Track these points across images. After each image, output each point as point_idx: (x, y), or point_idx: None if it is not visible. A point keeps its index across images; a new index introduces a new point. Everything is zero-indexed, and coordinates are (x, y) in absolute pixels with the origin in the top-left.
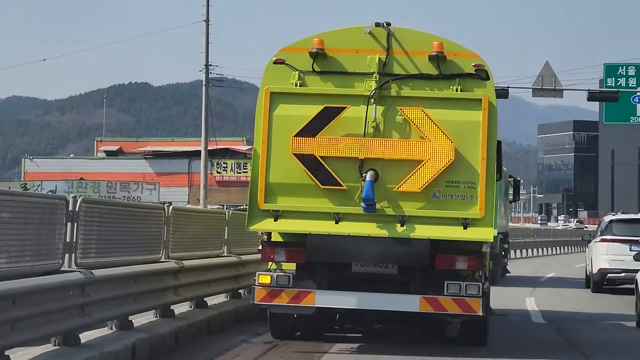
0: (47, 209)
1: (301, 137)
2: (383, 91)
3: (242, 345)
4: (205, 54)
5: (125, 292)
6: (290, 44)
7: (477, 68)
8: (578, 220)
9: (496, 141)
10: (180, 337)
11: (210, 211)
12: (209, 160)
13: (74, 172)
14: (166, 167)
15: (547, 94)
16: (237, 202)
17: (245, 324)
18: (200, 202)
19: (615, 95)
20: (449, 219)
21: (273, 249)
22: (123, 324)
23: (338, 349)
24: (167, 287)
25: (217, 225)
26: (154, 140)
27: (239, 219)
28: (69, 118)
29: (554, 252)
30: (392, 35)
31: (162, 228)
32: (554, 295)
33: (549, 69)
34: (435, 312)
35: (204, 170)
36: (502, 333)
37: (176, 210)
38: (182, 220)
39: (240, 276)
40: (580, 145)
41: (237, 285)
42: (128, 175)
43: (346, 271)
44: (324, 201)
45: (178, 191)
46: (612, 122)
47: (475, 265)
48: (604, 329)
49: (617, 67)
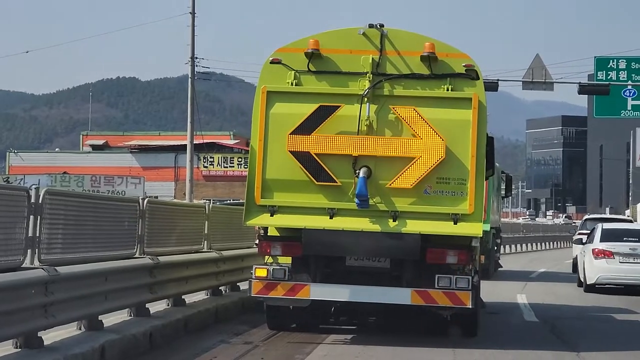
0: (8, 201)
1: (297, 134)
2: (376, 90)
3: (220, 346)
4: (191, 47)
5: (94, 290)
6: (286, 45)
7: (467, 68)
8: (566, 216)
9: (485, 139)
10: (154, 337)
11: (189, 204)
12: (196, 155)
13: (59, 166)
14: (152, 162)
15: (537, 87)
16: (224, 197)
17: (225, 323)
18: (186, 196)
19: (607, 89)
20: (440, 214)
21: (269, 243)
22: (92, 324)
23: (332, 340)
24: (141, 284)
25: (196, 219)
26: (140, 135)
27: (220, 213)
28: (57, 112)
29: (543, 248)
30: (385, 36)
31: (136, 222)
32: (546, 290)
33: (540, 61)
34: (426, 304)
35: (190, 164)
36: (493, 326)
37: (152, 203)
38: (158, 214)
39: (221, 273)
40: (569, 141)
41: (218, 282)
42: (114, 169)
43: (340, 265)
44: (318, 197)
45: (165, 186)
46: (602, 116)
47: (465, 259)
48: (594, 321)
49: (608, 60)
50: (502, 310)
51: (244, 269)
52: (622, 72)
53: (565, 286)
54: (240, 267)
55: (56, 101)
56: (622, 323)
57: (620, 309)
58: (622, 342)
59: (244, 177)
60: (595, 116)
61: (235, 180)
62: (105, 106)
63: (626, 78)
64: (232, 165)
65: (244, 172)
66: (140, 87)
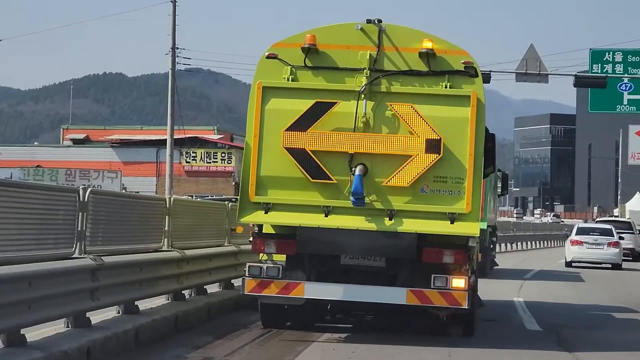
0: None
1: (292, 131)
2: (373, 87)
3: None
4: (172, 37)
5: (19, 297)
6: (282, 39)
7: (466, 65)
8: (554, 214)
9: (484, 137)
10: (94, 353)
11: (144, 197)
12: (178, 150)
13: (37, 160)
14: (133, 156)
15: (531, 79)
16: (206, 193)
17: (185, 333)
18: (166, 192)
19: (604, 81)
20: (437, 213)
21: (263, 240)
22: None
23: (326, 338)
24: (79, 290)
25: (154, 214)
26: (122, 129)
27: (185, 208)
28: (42, 108)
29: (533, 247)
30: (383, 31)
31: (74, 216)
32: (543, 289)
33: (534, 52)
34: (421, 304)
35: (170, 159)
36: (491, 327)
37: (96, 194)
38: (105, 208)
39: (184, 275)
40: (557, 139)
41: (180, 285)
42: (94, 163)
43: (335, 263)
44: (314, 194)
45: (146, 181)
46: (597, 111)
47: (462, 259)
48: (592, 319)
49: (604, 53)
50: (500, 314)
51: (211, 271)
52: (619, 65)
53: (562, 285)
54: (207, 269)
55: (42, 96)
56: (621, 322)
57: (619, 308)
58: (620, 343)
59: (228, 173)
60: (590, 111)
61: (218, 176)
62: (92, 102)
63: (622, 71)
64: (215, 161)
65: (227, 167)
66: (126, 83)
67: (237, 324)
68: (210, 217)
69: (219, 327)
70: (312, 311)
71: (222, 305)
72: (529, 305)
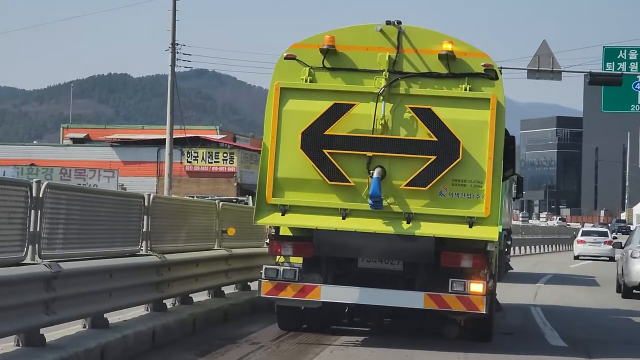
0: None
1: (310, 133)
2: (392, 89)
3: None
4: (172, 33)
5: None
6: (301, 40)
7: (486, 68)
8: (560, 218)
9: (503, 141)
10: None
11: (118, 193)
12: (179, 149)
13: (36, 159)
14: (134, 156)
15: (544, 76)
16: (208, 194)
17: (164, 350)
18: (165, 192)
19: (619, 79)
20: (455, 217)
21: (280, 242)
22: None
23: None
24: (32, 302)
25: (129, 213)
26: (122, 128)
27: (169, 207)
28: (47, 108)
29: (542, 251)
30: (402, 33)
31: (25, 215)
32: (559, 295)
33: (547, 48)
34: (439, 309)
35: (169, 158)
36: (509, 340)
37: (53, 189)
38: (65, 206)
39: (164, 282)
40: (563, 142)
41: (159, 294)
42: (93, 163)
43: (352, 266)
44: (331, 197)
45: (146, 181)
46: (611, 111)
47: (480, 263)
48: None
49: (618, 51)
50: (518, 325)
51: (198, 277)
52: (633, 63)
53: (578, 291)
54: (193, 275)
55: (47, 97)
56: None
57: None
58: (636, 348)
59: (230, 174)
60: (603, 111)
61: (220, 176)
62: (96, 102)
63: (637, 69)
64: (217, 161)
65: (229, 168)
66: (131, 84)
67: (224, 337)
68: (198, 217)
69: (203, 342)
70: (329, 314)
71: (210, 316)
72: (547, 314)
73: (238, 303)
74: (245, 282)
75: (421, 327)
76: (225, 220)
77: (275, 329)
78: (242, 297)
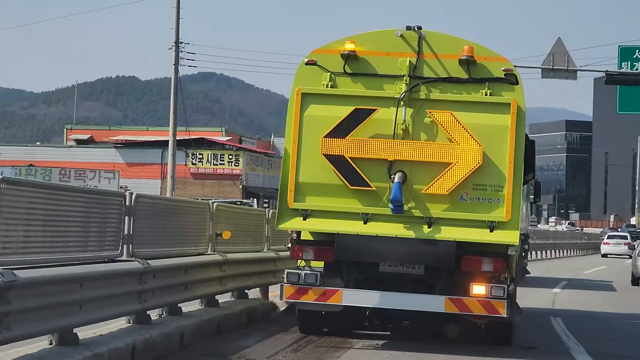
0: None
1: (331, 137)
2: (413, 94)
3: None
4: (176, 31)
5: None
6: (322, 46)
7: (506, 72)
8: (569, 223)
9: (524, 145)
10: None
11: (93, 191)
12: (184, 151)
13: (39, 161)
14: (138, 157)
15: (558, 75)
16: (213, 196)
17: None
18: (167, 194)
19: (637, 78)
20: (476, 221)
21: (302, 247)
22: None
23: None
24: None
25: (105, 214)
26: (127, 130)
27: (153, 207)
28: (55, 110)
29: (554, 256)
30: (423, 38)
31: None
32: (578, 301)
33: (562, 46)
34: (460, 313)
35: (172, 159)
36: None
37: (10, 183)
38: (21, 201)
39: (148, 291)
40: (573, 146)
41: (142, 305)
42: (97, 164)
43: (373, 270)
44: (352, 201)
45: (150, 183)
46: (627, 112)
47: (501, 267)
48: None
49: (634, 50)
50: (540, 338)
51: (188, 285)
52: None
53: (596, 297)
54: (182, 283)
55: (55, 99)
56: None
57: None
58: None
59: (235, 176)
60: (618, 112)
61: (225, 178)
62: (104, 105)
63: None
64: (222, 163)
65: (234, 170)
66: (139, 86)
67: (215, 353)
68: (188, 218)
69: (190, 359)
70: (349, 318)
71: (200, 328)
72: (569, 325)
73: (233, 313)
74: (242, 289)
75: (439, 330)
76: (220, 222)
77: (273, 343)
78: (237, 307)
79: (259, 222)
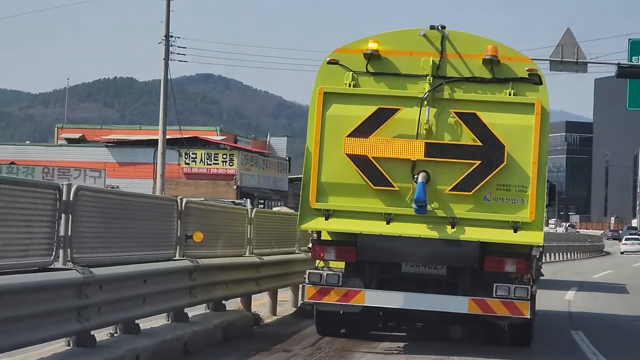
0: None
1: (354, 137)
2: (436, 93)
3: None
4: (166, 24)
5: None
6: (344, 45)
7: (530, 72)
8: (569, 225)
9: (547, 145)
10: None
11: (16, 181)
12: (176, 150)
13: (29, 160)
14: (129, 157)
15: (567, 68)
16: (206, 197)
17: None
18: (157, 194)
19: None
20: (500, 221)
21: (323, 247)
22: None
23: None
24: None
25: (35, 209)
26: (119, 129)
27: (101, 202)
28: (52, 111)
29: (559, 258)
30: (446, 38)
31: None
32: (593, 305)
33: (571, 37)
34: (483, 314)
35: (162, 157)
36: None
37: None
38: None
39: (90, 306)
40: (573, 147)
41: (81, 325)
42: (87, 164)
43: (396, 271)
44: (375, 201)
45: (143, 183)
46: (637, 109)
47: (524, 268)
48: None
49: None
50: (559, 350)
51: (147, 297)
52: None
53: (610, 300)
54: (139, 295)
55: (52, 100)
56: None
57: None
58: None
59: (229, 176)
60: (628, 108)
61: (219, 178)
62: (102, 106)
63: None
64: (216, 163)
65: (229, 170)
66: (137, 88)
67: None
68: (150, 217)
69: None
70: (366, 318)
71: (161, 350)
72: (589, 334)
73: (205, 329)
74: (219, 300)
75: (458, 331)
76: (191, 222)
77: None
78: (211, 321)
79: (240, 222)
